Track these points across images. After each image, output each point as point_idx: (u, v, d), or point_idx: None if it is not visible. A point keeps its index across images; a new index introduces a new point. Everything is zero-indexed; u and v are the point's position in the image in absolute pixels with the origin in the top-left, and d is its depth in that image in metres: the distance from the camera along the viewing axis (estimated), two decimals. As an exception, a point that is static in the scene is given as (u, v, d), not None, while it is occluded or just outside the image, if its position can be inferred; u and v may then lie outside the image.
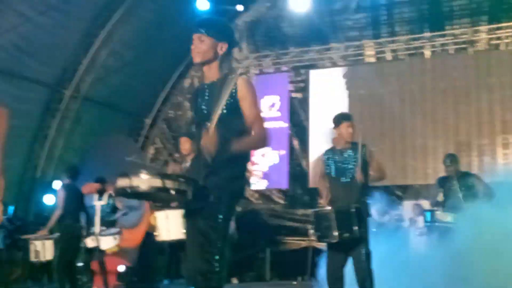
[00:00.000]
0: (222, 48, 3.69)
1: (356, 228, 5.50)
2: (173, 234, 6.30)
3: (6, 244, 11.09)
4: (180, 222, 5.96)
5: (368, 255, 5.63)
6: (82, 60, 14.16)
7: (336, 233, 5.51)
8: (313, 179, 14.40)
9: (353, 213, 5.54)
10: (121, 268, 10.94)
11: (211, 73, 3.72)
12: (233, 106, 3.53)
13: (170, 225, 6.17)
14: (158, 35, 14.46)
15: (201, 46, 3.68)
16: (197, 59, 3.73)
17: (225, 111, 3.50)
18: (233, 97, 3.54)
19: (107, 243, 8.82)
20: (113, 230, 8.98)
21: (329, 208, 5.63)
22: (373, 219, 6.25)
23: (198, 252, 3.40)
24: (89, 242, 8.50)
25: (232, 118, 3.53)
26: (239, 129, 3.52)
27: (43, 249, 8.42)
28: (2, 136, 9.88)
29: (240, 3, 14.87)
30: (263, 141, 3.57)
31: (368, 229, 5.71)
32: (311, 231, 6.10)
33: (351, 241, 5.59)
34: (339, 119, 5.98)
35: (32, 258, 8.31)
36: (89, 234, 8.77)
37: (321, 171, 6.05)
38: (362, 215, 5.63)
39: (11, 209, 12.52)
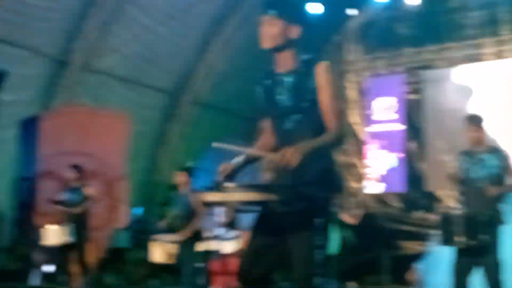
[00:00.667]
0: (296, 32, 3.36)
1: (483, 236, 5.21)
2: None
3: (132, 244, 11.60)
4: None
5: (497, 265, 5.33)
6: (199, 66, 14.61)
7: (461, 239, 5.26)
8: (432, 182, 13.98)
9: (483, 220, 5.25)
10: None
11: (286, 61, 3.39)
12: (313, 98, 3.21)
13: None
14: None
15: (271, 29, 3.36)
16: (266, 44, 3.41)
17: (307, 104, 3.22)
18: (313, 87, 3.21)
19: (230, 247, 8.94)
20: (234, 233, 9.06)
21: (458, 212, 5.38)
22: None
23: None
24: (213, 245, 8.63)
25: (313, 111, 3.23)
26: (319, 124, 3.21)
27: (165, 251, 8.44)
28: (126, 142, 10.39)
29: (351, 5, 14.73)
30: (341, 139, 3.25)
31: (498, 238, 5.37)
32: (435, 233, 5.84)
33: (479, 249, 5.30)
34: (469, 121, 5.69)
35: (153, 259, 8.27)
36: (210, 237, 8.91)
37: (453, 173, 5.74)
38: (493, 223, 5.32)
39: (138, 210, 13.06)
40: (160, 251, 7.85)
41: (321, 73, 3.23)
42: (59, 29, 11.73)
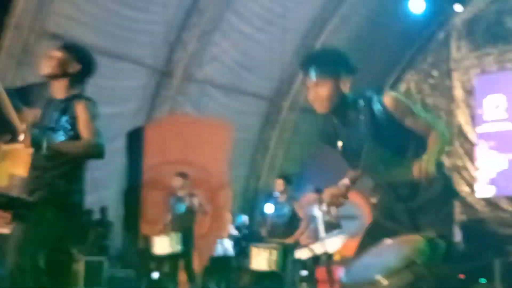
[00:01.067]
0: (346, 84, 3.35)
1: None
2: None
3: (235, 251, 11.65)
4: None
5: None
6: (299, 71, 14.50)
7: None
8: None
9: None
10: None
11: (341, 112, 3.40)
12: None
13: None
14: (371, 41, 14.27)
15: (323, 92, 3.30)
16: (323, 110, 3.33)
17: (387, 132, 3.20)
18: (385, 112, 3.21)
19: (334, 244, 8.78)
20: (335, 231, 8.91)
21: None
22: None
23: None
24: (317, 248, 8.51)
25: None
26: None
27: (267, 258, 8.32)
28: (227, 149, 10.39)
29: (457, 1, 14.10)
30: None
31: None
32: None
33: None
34: None
35: (254, 266, 8.15)
36: (314, 243, 8.80)
37: None
38: None
39: (240, 218, 13.13)
40: (262, 258, 7.77)
41: (389, 102, 3.25)
42: (161, 41, 12.00)
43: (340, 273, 9.66)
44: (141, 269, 10.65)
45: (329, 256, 8.95)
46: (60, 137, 3.44)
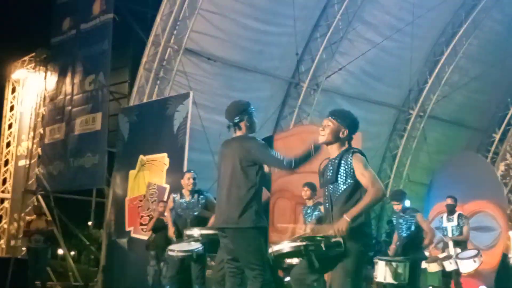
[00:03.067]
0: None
1: None
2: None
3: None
4: None
5: None
6: (428, 79, 14.24)
7: None
8: None
9: None
10: (482, 289, 10.56)
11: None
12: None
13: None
14: (506, 45, 13.72)
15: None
16: None
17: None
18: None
19: (467, 266, 8.49)
20: (472, 252, 8.60)
21: None
22: None
23: None
24: (448, 266, 8.30)
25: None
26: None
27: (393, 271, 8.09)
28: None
29: None
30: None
31: None
32: None
33: None
34: None
35: (379, 279, 7.98)
36: (445, 257, 8.57)
37: None
38: None
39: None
40: (387, 271, 7.59)
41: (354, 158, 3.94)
42: (289, 52, 12.24)
43: (472, 286, 9.40)
44: (272, 276, 10.87)
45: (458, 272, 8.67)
46: (341, 186, 4.01)
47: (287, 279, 5.38)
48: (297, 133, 12.11)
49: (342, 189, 3.94)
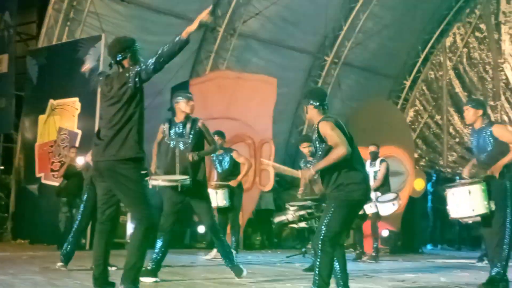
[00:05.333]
0: None
1: None
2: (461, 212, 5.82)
3: (276, 205, 11.87)
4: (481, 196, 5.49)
5: None
6: (342, 25, 14.39)
7: None
8: None
9: None
10: (385, 232, 11.06)
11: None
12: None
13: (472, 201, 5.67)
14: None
15: None
16: None
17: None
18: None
19: (387, 209, 8.83)
20: (391, 195, 8.91)
21: None
22: None
23: None
24: (368, 209, 8.60)
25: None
26: None
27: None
28: (271, 104, 10.66)
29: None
30: None
31: None
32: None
33: None
34: None
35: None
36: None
37: None
38: None
39: (281, 172, 13.31)
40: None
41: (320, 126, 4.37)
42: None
43: (380, 229, 9.81)
44: (186, 222, 10.94)
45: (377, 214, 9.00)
46: (319, 150, 4.46)
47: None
48: (213, 79, 12.02)
49: (320, 152, 4.35)
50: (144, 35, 11.06)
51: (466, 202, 5.39)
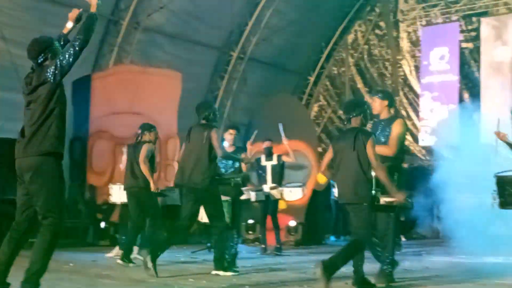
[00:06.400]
0: None
1: None
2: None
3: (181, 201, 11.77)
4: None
5: None
6: (248, 21, 14.48)
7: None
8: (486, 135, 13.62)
9: None
10: (292, 223, 11.28)
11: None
12: None
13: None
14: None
15: None
16: None
17: None
18: None
19: (296, 194, 9.01)
20: (298, 183, 9.13)
21: None
22: None
23: None
24: (276, 194, 8.73)
25: None
26: None
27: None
28: (176, 99, 10.65)
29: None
30: None
31: None
32: (493, 196, 5.61)
33: None
34: None
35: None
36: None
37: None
38: None
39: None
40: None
41: None
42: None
43: (285, 220, 10.00)
44: (88, 219, 10.69)
45: (275, 205, 9.18)
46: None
47: None
48: (116, 73, 11.80)
49: None
50: (44, 27, 10.66)
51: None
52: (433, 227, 14.22)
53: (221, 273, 5.98)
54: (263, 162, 9.45)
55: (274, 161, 9.37)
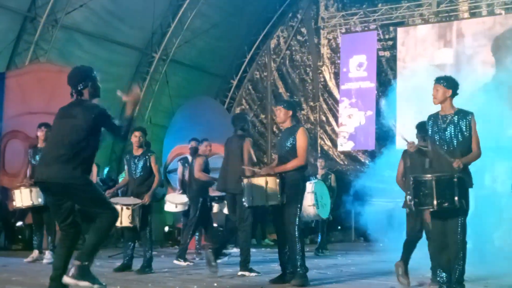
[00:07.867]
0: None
1: (457, 198, 5.23)
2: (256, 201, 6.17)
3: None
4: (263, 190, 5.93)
5: (463, 227, 5.37)
6: (171, 23, 14.38)
7: (435, 202, 5.27)
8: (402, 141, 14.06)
9: (455, 182, 5.26)
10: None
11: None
12: None
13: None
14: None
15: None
16: None
17: None
18: None
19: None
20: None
21: (429, 175, 5.34)
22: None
23: None
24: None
25: None
26: None
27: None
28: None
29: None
30: None
31: (468, 201, 5.40)
32: (408, 197, 5.84)
33: (450, 211, 5.33)
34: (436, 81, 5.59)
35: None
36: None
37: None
38: (464, 186, 5.34)
39: (105, 170, 13.03)
40: (123, 215, 7.33)
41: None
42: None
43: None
44: (1, 221, 10.33)
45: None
46: None
47: None
48: (33, 71, 11.44)
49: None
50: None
51: (262, 192, 5.91)
52: (350, 229, 14.59)
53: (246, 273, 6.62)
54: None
55: None
